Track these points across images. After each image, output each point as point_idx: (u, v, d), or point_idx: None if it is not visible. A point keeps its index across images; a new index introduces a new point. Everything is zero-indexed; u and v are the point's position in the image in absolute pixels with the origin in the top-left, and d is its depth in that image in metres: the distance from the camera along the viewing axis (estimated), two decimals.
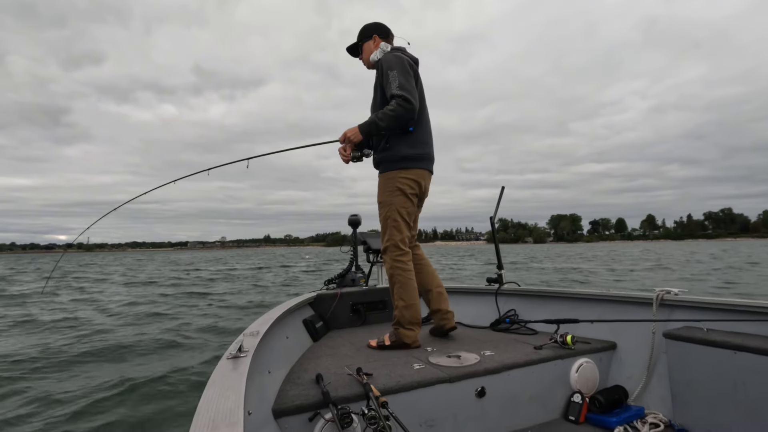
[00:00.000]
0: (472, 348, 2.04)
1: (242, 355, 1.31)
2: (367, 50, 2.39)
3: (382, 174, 2.30)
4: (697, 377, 1.63)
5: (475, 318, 2.75)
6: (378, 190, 2.32)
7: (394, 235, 2.24)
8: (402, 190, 2.23)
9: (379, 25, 2.40)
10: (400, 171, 2.23)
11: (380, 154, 2.27)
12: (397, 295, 2.22)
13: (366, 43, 2.40)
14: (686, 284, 11.32)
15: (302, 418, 1.40)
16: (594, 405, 1.79)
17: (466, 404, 1.66)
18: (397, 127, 2.15)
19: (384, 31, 2.39)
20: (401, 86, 2.09)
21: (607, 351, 2.01)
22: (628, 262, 23.80)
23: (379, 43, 2.36)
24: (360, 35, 2.43)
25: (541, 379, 1.82)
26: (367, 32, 2.40)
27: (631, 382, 1.91)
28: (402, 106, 2.07)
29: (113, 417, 3.27)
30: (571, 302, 2.37)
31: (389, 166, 2.25)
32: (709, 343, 1.59)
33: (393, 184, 2.23)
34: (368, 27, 2.41)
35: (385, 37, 2.39)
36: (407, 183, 2.24)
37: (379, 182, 2.31)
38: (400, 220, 2.24)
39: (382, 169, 2.30)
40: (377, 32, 2.38)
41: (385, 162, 2.26)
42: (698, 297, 1.84)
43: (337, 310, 2.81)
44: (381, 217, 2.29)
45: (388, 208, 2.24)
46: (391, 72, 2.13)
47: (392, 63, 2.17)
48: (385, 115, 2.09)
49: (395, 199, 2.23)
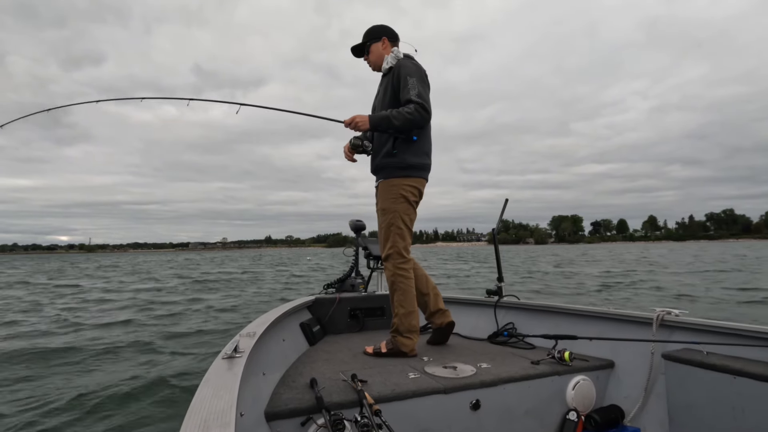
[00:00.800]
0: (468, 360, 2.03)
1: (237, 355, 1.31)
2: (375, 51, 2.39)
3: (385, 180, 2.29)
4: (696, 400, 1.61)
5: (472, 330, 2.74)
6: (379, 197, 2.31)
7: (398, 243, 2.24)
8: (406, 198, 2.24)
9: (388, 28, 2.42)
10: (404, 179, 2.24)
11: (385, 159, 2.26)
12: (397, 303, 2.22)
13: (374, 45, 2.40)
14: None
15: (294, 422, 1.40)
16: (589, 424, 1.77)
17: (461, 416, 1.65)
18: (406, 130, 2.16)
19: (393, 35, 2.41)
20: (420, 95, 2.12)
21: (604, 369, 1.99)
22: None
23: (388, 47, 2.38)
24: (368, 36, 2.42)
25: (537, 395, 1.80)
26: (376, 33, 2.40)
27: (628, 402, 1.89)
28: (419, 112, 2.10)
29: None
30: (570, 318, 2.36)
31: (394, 173, 2.25)
32: (709, 367, 1.58)
33: (397, 191, 2.23)
34: (377, 28, 2.42)
35: (393, 41, 2.40)
36: (410, 191, 2.25)
37: (381, 188, 2.30)
38: (404, 227, 2.25)
39: (384, 175, 2.29)
40: (387, 35, 2.39)
41: (389, 168, 2.25)
42: (699, 319, 1.83)
43: (335, 315, 2.81)
44: (383, 224, 2.27)
45: (392, 215, 2.24)
46: (410, 78, 2.15)
47: (411, 70, 2.19)
48: (401, 116, 2.10)
49: (399, 207, 2.23)
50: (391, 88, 2.24)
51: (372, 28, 2.43)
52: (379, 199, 2.32)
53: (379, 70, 2.43)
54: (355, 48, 2.48)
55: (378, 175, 2.35)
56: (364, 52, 2.45)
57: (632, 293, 10.26)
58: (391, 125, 2.12)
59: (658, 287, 11.32)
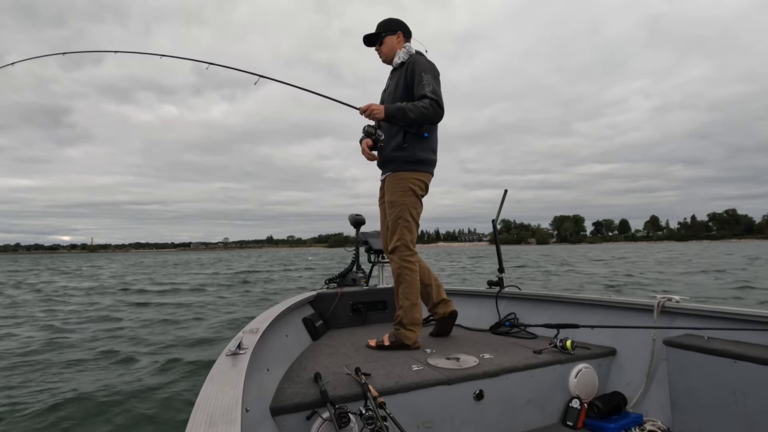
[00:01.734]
0: (471, 350, 2.05)
1: (241, 351, 1.32)
2: (389, 44, 2.39)
3: (393, 173, 2.29)
4: (697, 385, 1.62)
5: (475, 321, 2.75)
6: (387, 190, 2.32)
7: (405, 236, 2.25)
8: (414, 191, 2.26)
9: (404, 24, 2.42)
10: (413, 172, 2.25)
11: (394, 152, 2.27)
12: (402, 295, 2.23)
13: (389, 37, 2.39)
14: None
15: (300, 416, 1.41)
16: (592, 411, 1.78)
17: (464, 407, 1.66)
18: (420, 124, 2.18)
19: (408, 31, 2.42)
20: (434, 91, 2.14)
21: (606, 357, 2.00)
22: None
23: (402, 41, 2.39)
24: (383, 27, 2.41)
25: (539, 384, 1.81)
26: (393, 26, 2.40)
27: (630, 388, 1.91)
28: (434, 108, 2.12)
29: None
30: (571, 307, 2.37)
31: (403, 167, 2.26)
32: (710, 352, 1.58)
33: (405, 184, 2.25)
34: (394, 21, 2.42)
35: (408, 37, 2.42)
36: (418, 184, 2.27)
37: (389, 182, 2.31)
38: (412, 220, 2.27)
39: (393, 168, 2.29)
40: (403, 30, 2.40)
41: (398, 162, 2.26)
42: (699, 305, 1.84)
43: (338, 310, 2.82)
44: (391, 216, 2.28)
45: (400, 207, 2.25)
46: (425, 75, 2.17)
47: (426, 67, 2.21)
48: (417, 109, 2.11)
49: (407, 200, 2.25)
50: (404, 83, 2.25)
51: (389, 20, 2.43)
52: (386, 192, 2.32)
53: (389, 62, 2.44)
54: (368, 37, 2.45)
55: (385, 169, 2.35)
56: (377, 42, 2.44)
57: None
58: (406, 117, 2.13)
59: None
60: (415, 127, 2.20)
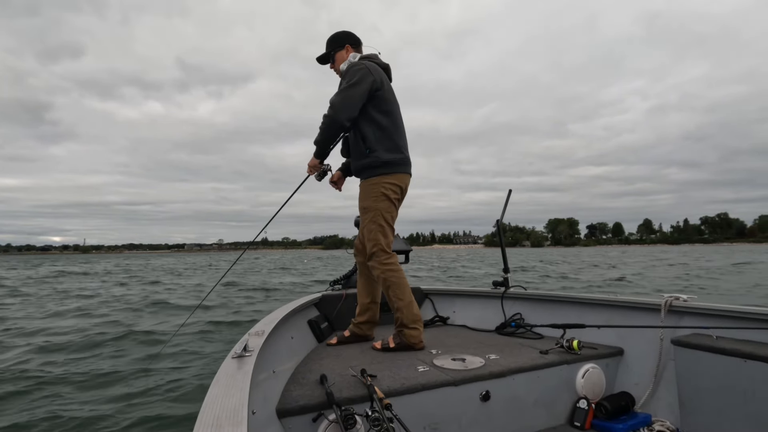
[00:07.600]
0: (477, 351, 2.03)
1: (247, 354, 1.32)
2: (340, 59, 2.39)
3: (365, 180, 2.30)
4: (706, 385, 1.61)
5: (480, 321, 2.74)
6: (360, 196, 2.32)
7: (380, 240, 2.24)
8: (386, 195, 2.24)
9: (350, 34, 2.42)
10: (383, 176, 2.24)
11: (360, 161, 2.28)
12: (394, 297, 2.22)
13: (339, 53, 2.40)
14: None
15: (306, 418, 1.40)
16: (600, 411, 1.77)
17: (471, 408, 1.65)
18: (329, 139, 2.26)
19: (355, 40, 2.42)
20: (332, 98, 2.17)
21: (614, 357, 1.99)
22: None
23: (351, 53, 2.38)
24: (331, 44, 2.42)
25: (546, 384, 1.80)
26: (340, 41, 2.40)
27: (638, 388, 1.90)
28: (325, 117, 2.17)
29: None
30: (577, 307, 2.36)
31: (372, 172, 2.26)
32: (719, 351, 1.57)
33: (377, 189, 2.24)
34: (340, 35, 2.41)
35: (356, 46, 2.41)
36: (390, 188, 2.25)
37: (362, 188, 2.31)
38: (386, 224, 2.26)
39: (364, 175, 2.30)
40: (349, 41, 2.40)
41: (367, 169, 2.27)
42: (707, 304, 1.83)
43: (343, 311, 2.80)
44: (365, 222, 2.28)
45: (373, 213, 2.25)
46: (341, 82, 2.24)
47: (345, 74, 2.25)
48: (319, 131, 2.21)
49: (380, 204, 2.24)
50: None
51: (334, 35, 2.42)
52: (360, 199, 2.33)
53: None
54: (320, 58, 2.46)
55: (359, 177, 2.36)
56: (330, 60, 2.44)
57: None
58: (319, 145, 2.25)
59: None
60: (331, 140, 2.27)
